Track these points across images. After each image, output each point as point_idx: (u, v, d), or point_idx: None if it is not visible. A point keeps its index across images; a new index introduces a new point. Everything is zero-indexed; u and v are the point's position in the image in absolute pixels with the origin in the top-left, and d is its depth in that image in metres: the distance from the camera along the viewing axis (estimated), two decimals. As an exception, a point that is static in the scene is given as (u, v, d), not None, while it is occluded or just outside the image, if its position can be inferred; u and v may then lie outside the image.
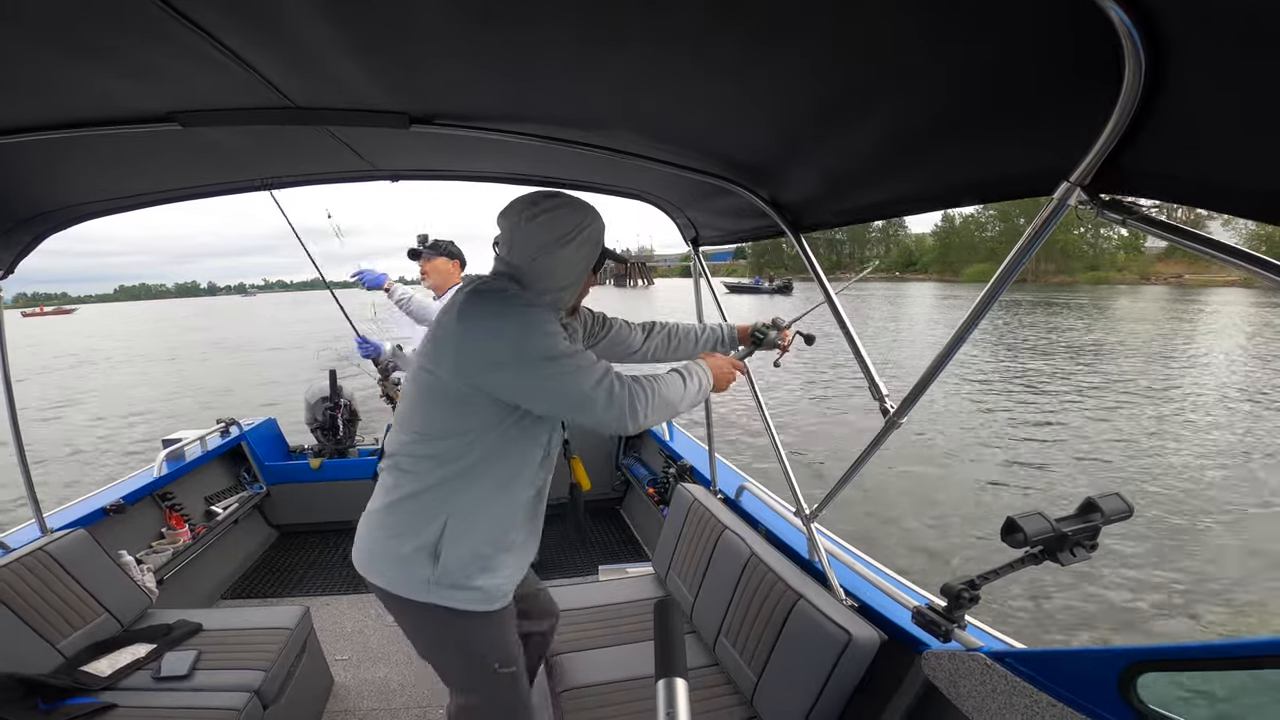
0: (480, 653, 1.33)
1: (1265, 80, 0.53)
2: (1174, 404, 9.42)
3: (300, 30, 0.86)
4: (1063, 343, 16.40)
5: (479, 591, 1.25)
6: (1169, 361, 13.40)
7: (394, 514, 1.24)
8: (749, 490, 2.30)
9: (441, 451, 1.20)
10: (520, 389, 1.15)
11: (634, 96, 1.12)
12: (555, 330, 1.16)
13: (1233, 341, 16.52)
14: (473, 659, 1.34)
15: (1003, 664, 1.09)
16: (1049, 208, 0.84)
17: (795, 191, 1.46)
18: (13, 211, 1.73)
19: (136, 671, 1.85)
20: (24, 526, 2.26)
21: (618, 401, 1.14)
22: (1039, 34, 0.66)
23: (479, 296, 1.16)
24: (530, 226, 1.22)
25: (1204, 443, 7.47)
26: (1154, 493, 5.89)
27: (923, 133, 0.96)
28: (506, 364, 1.12)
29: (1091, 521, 1.10)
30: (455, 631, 1.28)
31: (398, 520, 1.24)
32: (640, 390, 1.18)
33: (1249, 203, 0.62)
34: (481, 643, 1.33)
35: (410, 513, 1.23)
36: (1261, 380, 11.23)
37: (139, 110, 1.14)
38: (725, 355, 1.42)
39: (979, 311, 1.06)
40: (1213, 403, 9.53)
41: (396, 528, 1.24)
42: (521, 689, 1.41)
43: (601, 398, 1.13)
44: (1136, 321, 21.76)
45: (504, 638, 1.35)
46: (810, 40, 0.80)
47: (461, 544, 1.22)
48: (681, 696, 0.61)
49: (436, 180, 2.01)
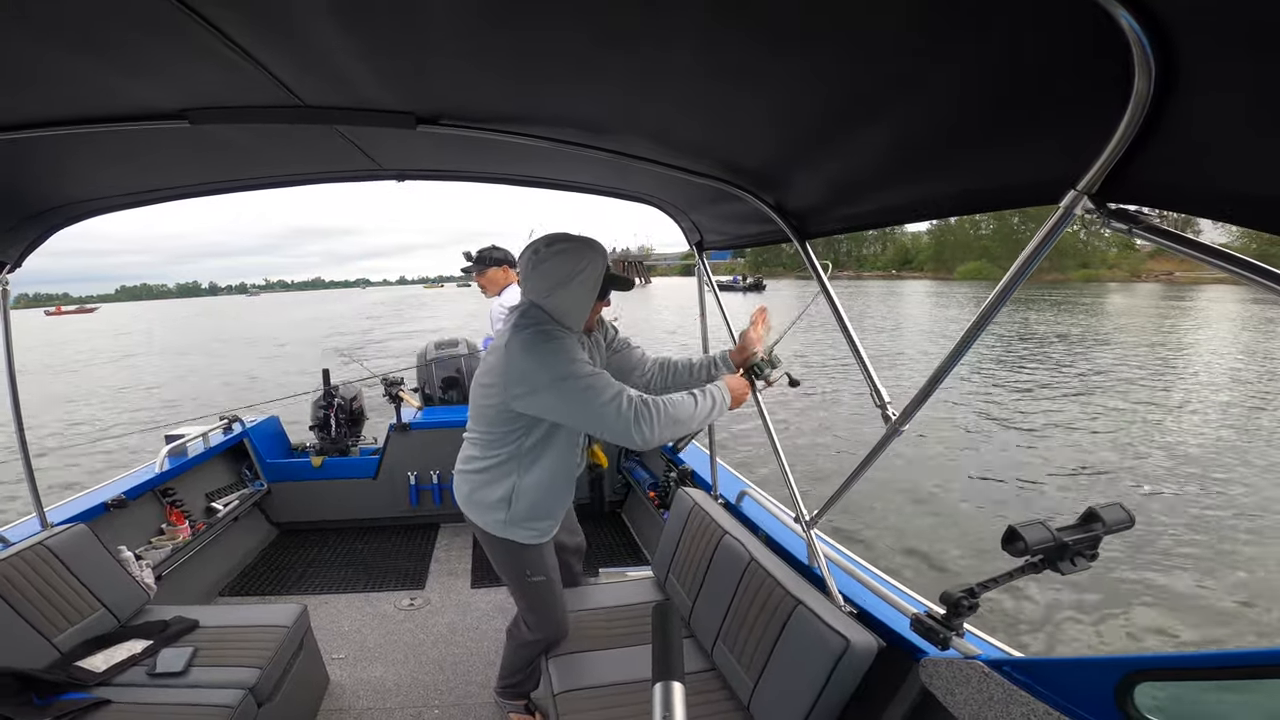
0: (523, 569, 1.80)
1: (1278, 88, 0.52)
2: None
3: (311, 30, 0.86)
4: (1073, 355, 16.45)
5: (534, 530, 1.75)
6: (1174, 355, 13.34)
7: (478, 476, 1.72)
8: (750, 495, 2.30)
9: (502, 439, 1.64)
10: (548, 407, 1.47)
11: (641, 100, 1.12)
12: (578, 356, 1.46)
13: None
14: (520, 572, 1.81)
15: (1000, 672, 1.09)
16: (1055, 217, 0.83)
17: (800, 198, 1.47)
18: (22, 206, 1.74)
19: (132, 668, 1.84)
20: (25, 520, 2.27)
21: (624, 417, 1.39)
22: (1047, 41, 0.66)
23: (518, 335, 1.49)
24: (538, 272, 1.54)
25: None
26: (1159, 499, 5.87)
27: (929, 140, 0.96)
28: (540, 389, 1.44)
29: (1093, 531, 1.09)
30: (513, 555, 1.78)
31: (481, 480, 1.71)
32: (646, 409, 1.41)
33: (1261, 214, 0.61)
34: (527, 562, 1.80)
35: (488, 478, 1.70)
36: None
37: (150, 107, 1.15)
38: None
39: (981, 322, 1.06)
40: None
41: (481, 484, 1.72)
42: (550, 592, 1.86)
43: (611, 413, 1.39)
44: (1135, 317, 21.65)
45: (543, 560, 1.82)
46: (817, 46, 0.80)
47: (523, 500, 1.69)
48: (678, 700, 0.61)
49: (442, 180, 2.02)
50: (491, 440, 1.64)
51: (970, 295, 32.63)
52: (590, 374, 1.41)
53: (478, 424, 1.67)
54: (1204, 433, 8.05)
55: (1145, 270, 49.20)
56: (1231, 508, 5.66)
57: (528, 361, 1.44)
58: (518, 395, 1.47)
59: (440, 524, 3.80)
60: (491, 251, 3.19)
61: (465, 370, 4.45)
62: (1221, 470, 6.63)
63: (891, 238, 77.12)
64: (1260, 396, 10.16)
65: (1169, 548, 4.89)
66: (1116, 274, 50.11)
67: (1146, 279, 45.91)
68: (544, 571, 1.83)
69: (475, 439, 1.70)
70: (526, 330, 1.49)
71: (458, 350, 4.52)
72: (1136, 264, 50.90)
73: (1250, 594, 4.25)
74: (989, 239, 59.47)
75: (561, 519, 1.87)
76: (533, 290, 1.57)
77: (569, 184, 2.03)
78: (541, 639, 1.91)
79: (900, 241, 75.91)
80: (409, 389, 4.27)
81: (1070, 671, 0.99)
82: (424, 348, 4.63)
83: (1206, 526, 5.27)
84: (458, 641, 2.63)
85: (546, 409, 1.48)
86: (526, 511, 1.71)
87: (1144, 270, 49.31)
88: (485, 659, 2.50)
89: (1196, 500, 5.85)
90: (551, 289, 1.53)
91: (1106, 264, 52.58)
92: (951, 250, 63.33)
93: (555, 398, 1.42)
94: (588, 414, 1.41)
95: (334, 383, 4.23)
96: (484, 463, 1.68)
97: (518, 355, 1.45)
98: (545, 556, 1.83)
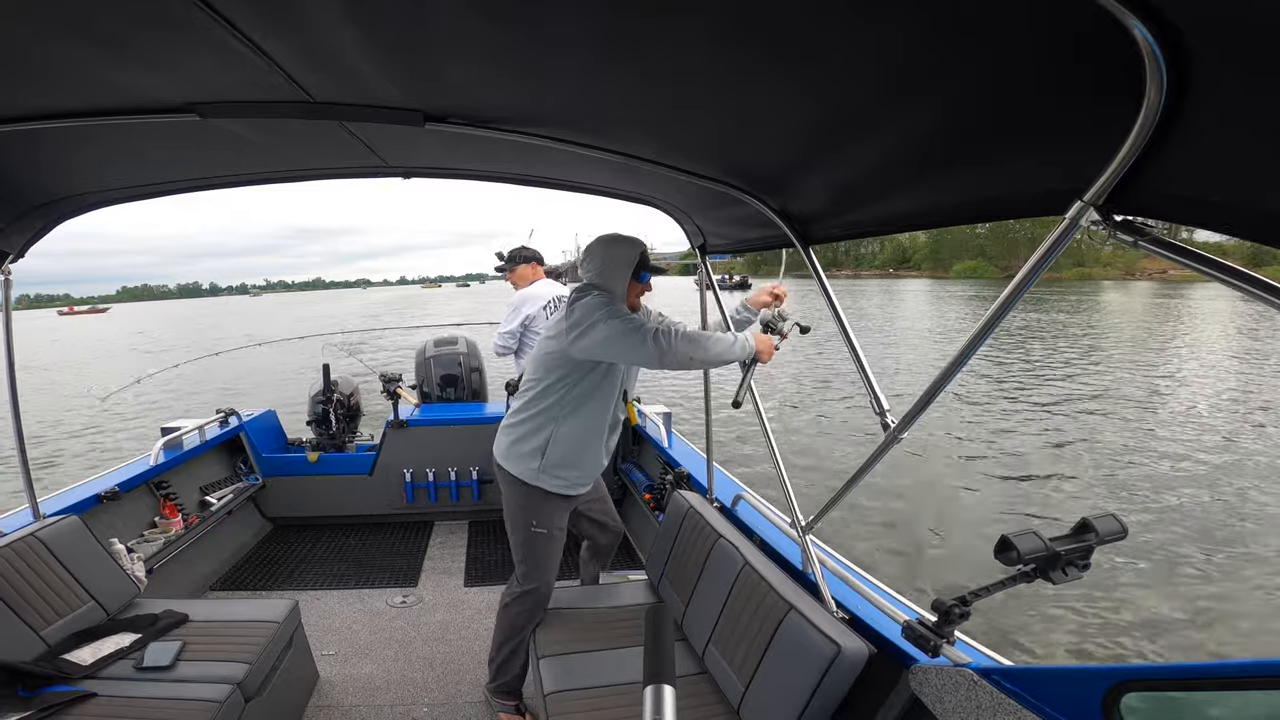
0: (531, 518, 2.00)
1: None
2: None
3: (320, 26, 0.87)
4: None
5: (563, 480, 1.98)
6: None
7: (522, 427, 1.98)
8: (745, 500, 2.29)
9: (550, 388, 1.91)
10: (599, 339, 1.76)
11: (647, 102, 1.13)
12: (620, 308, 1.85)
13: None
14: (528, 520, 2.00)
15: (989, 680, 1.09)
16: (1060, 228, 0.82)
17: (805, 203, 1.47)
18: (27, 197, 1.74)
19: (119, 661, 1.83)
20: (18, 511, 2.26)
21: (651, 339, 1.70)
22: (1056, 50, 0.65)
23: (579, 294, 1.89)
24: (589, 258, 1.94)
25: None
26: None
27: (935, 148, 0.96)
28: (596, 324, 1.76)
29: (1085, 541, 1.09)
30: (532, 501, 1.99)
31: (524, 430, 1.97)
32: (669, 330, 1.72)
33: (1269, 228, 0.60)
34: (540, 513, 2.00)
35: (531, 428, 1.96)
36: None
37: (158, 100, 1.15)
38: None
39: (983, 332, 1.05)
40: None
41: (523, 435, 1.97)
42: (547, 549, 2.03)
43: (643, 337, 1.71)
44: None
45: (555, 517, 2.03)
46: (824, 52, 0.80)
47: (559, 447, 1.93)
48: (669, 703, 0.60)
49: (448, 178, 2.03)
50: (545, 388, 1.92)
51: (961, 294, 32.69)
52: (628, 314, 1.81)
53: (535, 372, 1.97)
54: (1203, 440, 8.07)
55: (1140, 268, 49.67)
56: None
57: (586, 309, 1.82)
58: (575, 336, 1.80)
59: (434, 522, 3.79)
60: (521, 251, 3.60)
61: (464, 368, 4.45)
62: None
63: (889, 236, 77.36)
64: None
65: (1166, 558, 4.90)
66: (1110, 272, 50.40)
67: (1140, 276, 46.10)
68: (550, 527, 2.01)
69: (528, 390, 1.99)
70: (587, 293, 1.88)
71: (457, 348, 4.52)
72: (1130, 262, 51.32)
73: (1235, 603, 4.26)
74: (984, 238, 59.64)
75: (590, 480, 2.09)
76: (586, 272, 1.95)
77: (573, 184, 2.04)
78: (529, 595, 2.05)
79: (898, 240, 76.05)
80: (407, 386, 4.27)
81: (1059, 681, 0.99)
82: (422, 345, 4.63)
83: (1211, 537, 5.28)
84: (449, 640, 2.62)
85: (596, 341, 1.78)
86: (559, 459, 1.94)
87: (1139, 268, 49.76)
88: (477, 658, 2.48)
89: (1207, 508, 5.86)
90: (599, 269, 1.91)
91: (1101, 263, 52.98)
92: (949, 249, 63.44)
93: (605, 328, 1.75)
94: (626, 338, 1.73)
95: (333, 378, 4.23)
96: (528, 413, 1.96)
97: (579, 307, 1.84)
98: (557, 516, 2.03)
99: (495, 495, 3.79)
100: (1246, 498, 6.11)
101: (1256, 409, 9.50)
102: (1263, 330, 18.42)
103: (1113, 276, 48.12)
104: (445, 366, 4.45)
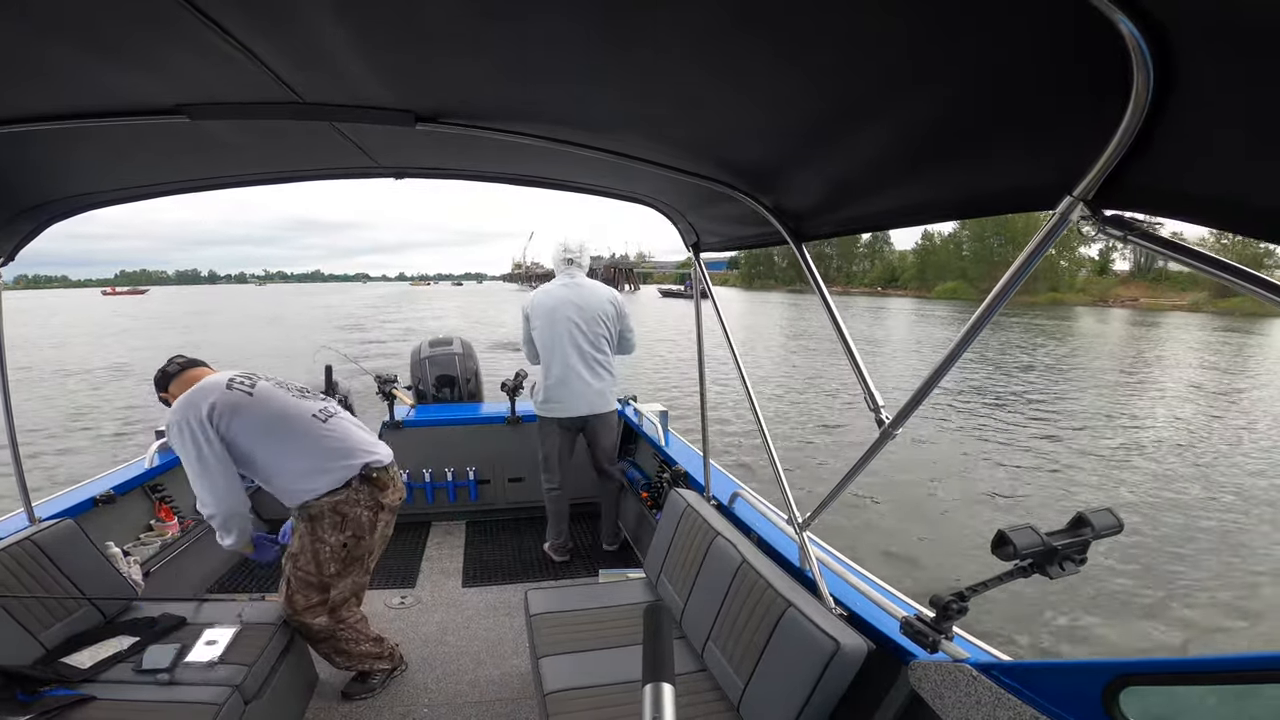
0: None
1: (1277, 96, 0.52)
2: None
3: (310, 26, 0.86)
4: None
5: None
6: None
7: (611, 378, 3.20)
8: (742, 497, 2.30)
9: (610, 352, 3.20)
10: (628, 325, 3.22)
11: (639, 100, 1.12)
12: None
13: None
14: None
15: (988, 675, 1.09)
16: (1051, 222, 0.83)
17: (796, 199, 1.47)
18: (17, 200, 1.72)
19: (117, 664, 1.82)
20: (12, 515, 2.25)
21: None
22: (1046, 46, 0.66)
23: (614, 294, 3.19)
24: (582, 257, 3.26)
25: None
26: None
27: (926, 143, 0.96)
28: (628, 315, 3.24)
29: (1082, 536, 1.10)
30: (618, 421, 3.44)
31: (611, 381, 3.19)
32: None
33: (1258, 222, 0.61)
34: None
35: (600, 374, 3.15)
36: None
37: (147, 102, 1.14)
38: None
39: (976, 326, 1.06)
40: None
41: (611, 384, 3.20)
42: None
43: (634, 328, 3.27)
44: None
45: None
46: (815, 48, 0.80)
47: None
48: (668, 702, 0.60)
49: (440, 179, 2.02)
50: (608, 352, 3.16)
51: (941, 317, 32.94)
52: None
53: (601, 346, 3.12)
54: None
55: (1113, 295, 50.04)
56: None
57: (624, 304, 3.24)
58: (624, 318, 3.20)
59: (432, 522, 3.78)
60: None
61: (460, 368, 4.44)
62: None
63: (880, 255, 78.42)
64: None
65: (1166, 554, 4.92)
66: (1082, 298, 50.70)
67: (1113, 304, 46.58)
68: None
69: (603, 355, 3.14)
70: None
71: (452, 349, 4.50)
72: (1104, 289, 51.79)
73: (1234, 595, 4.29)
74: (968, 261, 60.16)
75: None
76: (583, 268, 3.23)
77: (566, 184, 2.03)
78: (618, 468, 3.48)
79: (887, 259, 77.08)
80: (403, 386, 4.25)
81: (1058, 675, 0.99)
82: (417, 346, 4.61)
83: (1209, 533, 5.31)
84: (448, 641, 2.62)
85: (627, 326, 3.21)
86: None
87: (1111, 295, 50.16)
88: (475, 659, 2.48)
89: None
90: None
91: (1074, 288, 53.26)
92: (934, 270, 64.12)
93: (631, 319, 3.21)
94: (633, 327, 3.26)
95: (334, 379, 4.21)
96: (607, 370, 3.15)
97: (621, 300, 3.23)
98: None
99: (493, 495, 3.82)
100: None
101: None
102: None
103: (1084, 302, 48.36)
104: (441, 367, 4.43)
